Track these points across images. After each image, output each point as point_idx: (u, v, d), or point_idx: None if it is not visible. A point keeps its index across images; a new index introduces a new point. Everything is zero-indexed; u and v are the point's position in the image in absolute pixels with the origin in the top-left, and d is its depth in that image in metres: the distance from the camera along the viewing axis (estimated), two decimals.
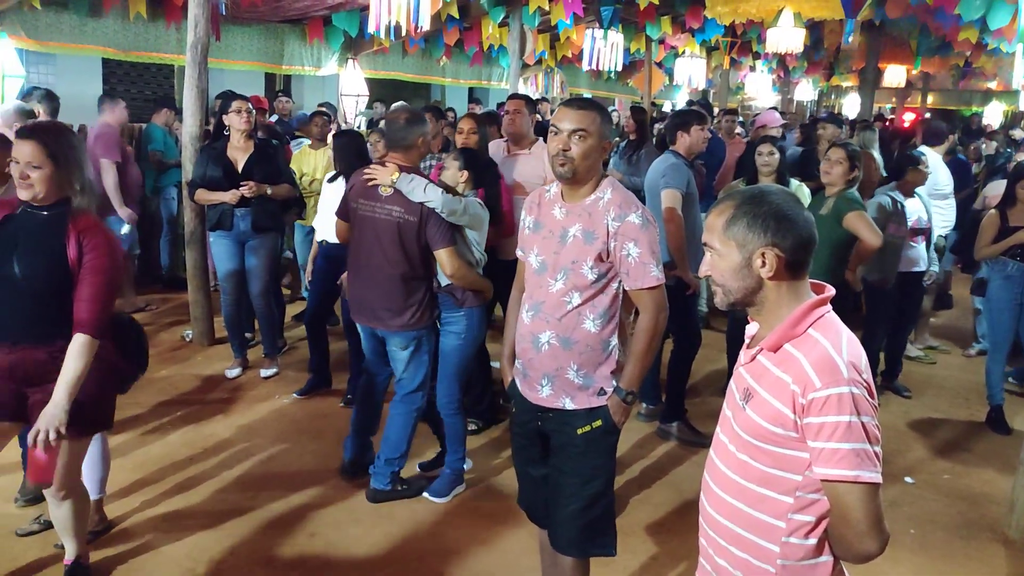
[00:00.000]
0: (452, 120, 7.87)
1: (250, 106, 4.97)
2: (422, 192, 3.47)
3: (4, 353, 2.66)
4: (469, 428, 4.48)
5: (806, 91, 18.82)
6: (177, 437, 4.35)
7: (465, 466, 3.99)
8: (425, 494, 3.84)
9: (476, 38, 11.04)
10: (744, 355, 1.83)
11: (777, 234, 1.67)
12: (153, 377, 5.14)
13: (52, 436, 2.52)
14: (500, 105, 12.04)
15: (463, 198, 3.66)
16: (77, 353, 2.59)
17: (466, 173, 3.86)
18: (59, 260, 2.60)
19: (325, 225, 4.83)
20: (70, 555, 3.03)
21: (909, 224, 5.17)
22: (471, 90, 14.69)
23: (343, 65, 10.54)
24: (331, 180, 4.90)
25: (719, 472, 1.81)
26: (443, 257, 3.54)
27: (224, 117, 5.03)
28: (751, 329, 1.85)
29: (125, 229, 6.24)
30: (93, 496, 3.35)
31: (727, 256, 1.72)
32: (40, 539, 3.29)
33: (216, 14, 7.18)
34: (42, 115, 5.27)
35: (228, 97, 5.13)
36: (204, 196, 5.07)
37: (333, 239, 4.73)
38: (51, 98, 5.64)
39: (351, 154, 4.74)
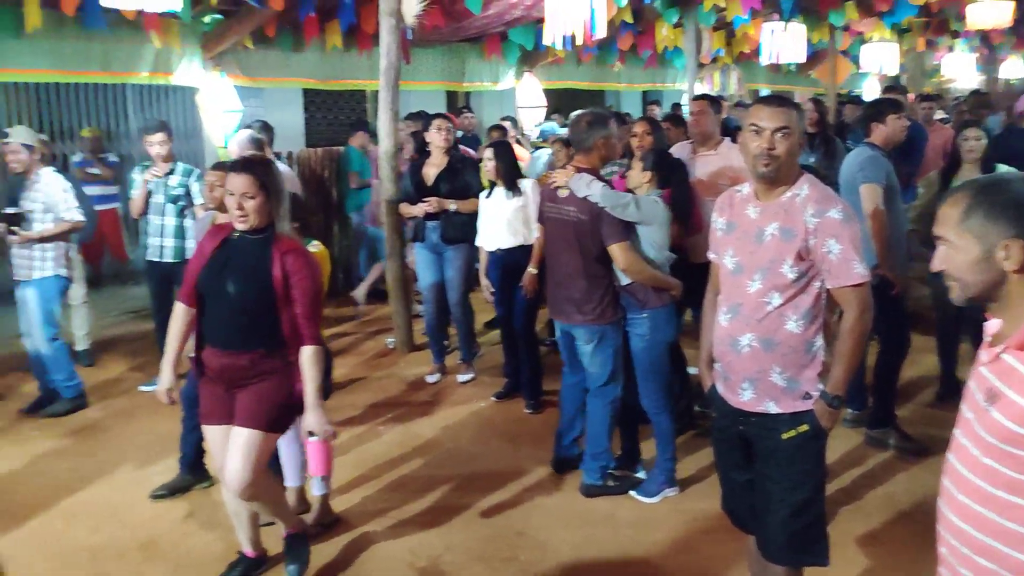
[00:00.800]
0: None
1: (450, 124, 5.30)
2: (585, 187, 3.62)
3: (216, 357, 2.99)
4: None
5: (1015, 68, 17.17)
6: (390, 437, 4.64)
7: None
8: (633, 493, 3.88)
9: (650, 41, 10.99)
10: (985, 354, 1.73)
11: (1022, 224, 1.58)
12: (364, 382, 5.56)
13: (328, 434, 2.99)
14: (676, 106, 11.92)
15: (633, 195, 3.72)
16: (310, 362, 2.94)
17: (649, 174, 3.88)
18: (266, 279, 2.90)
19: (491, 236, 5.06)
20: (286, 528, 3.30)
21: None
22: (645, 93, 14.61)
23: (520, 78, 10.82)
24: (488, 195, 5.11)
25: (961, 477, 1.72)
26: (615, 252, 3.64)
27: (425, 134, 5.38)
28: (991, 327, 1.75)
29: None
30: (319, 492, 3.65)
31: (964, 249, 1.65)
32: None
33: (405, 39, 7.62)
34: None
35: (419, 117, 5.45)
36: (402, 210, 5.51)
37: (503, 245, 4.99)
38: (267, 128, 6.22)
39: (508, 161, 4.99)
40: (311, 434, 3.01)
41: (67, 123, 8.65)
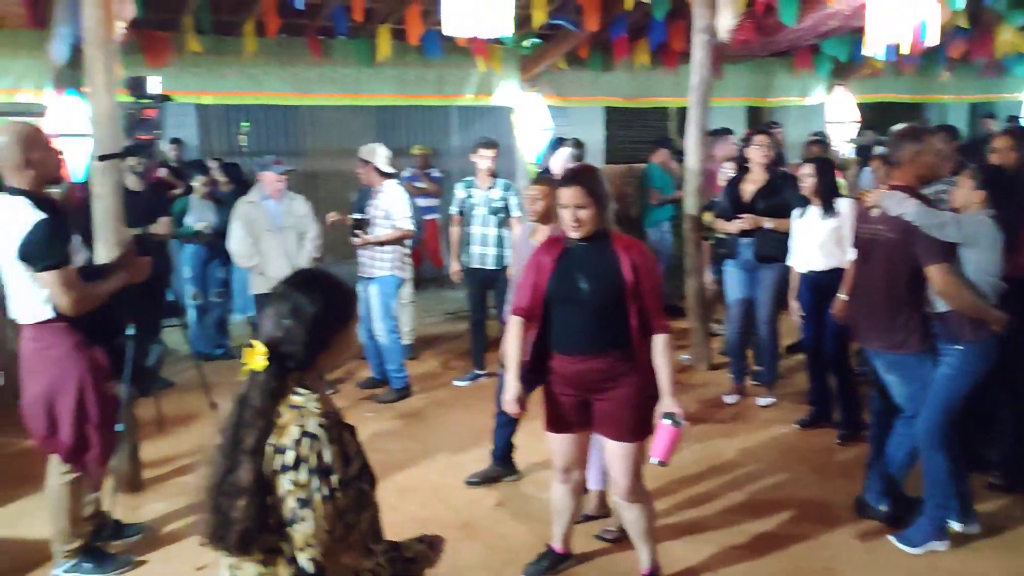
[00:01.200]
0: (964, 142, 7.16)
1: (770, 141, 5.23)
2: (897, 205, 3.42)
3: (571, 364, 3.08)
4: (990, 482, 4.08)
5: None
6: (688, 453, 4.60)
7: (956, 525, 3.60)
8: (891, 537, 3.57)
9: (986, 47, 9.88)
10: None
11: None
12: None
13: (679, 416, 2.99)
14: (1012, 119, 10.60)
15: (952, 213, 3.45)
16: (663, 349, 3.03)
17: (982, 193, 3.51)
18: (616, 278, 2.99)
19: (804, 257, 4.89)
20: (645, 565, 3.32)
21: None
22: (973, 106, 13.14)
23: (830, 92, 10.28)
24: (801, 215, 4.92)
25: None
26: (933, 274, 3.38)
27: (745, 150, 5.36)
28: None
29: None
30: (598, 487, 3.76)
31: None
32: (585, 528, 3.72)
33: (718, 55, 7.57)
34: None
35: (723, 133, 5.41)
36: (717, 226, 5.52)
37: (816, 268, 4.81)
38: (579, 145, 6.53)
39: (827, 179, 4.80)
40: (668, 416, 3.00)
41: (402, 142, 9.69)
